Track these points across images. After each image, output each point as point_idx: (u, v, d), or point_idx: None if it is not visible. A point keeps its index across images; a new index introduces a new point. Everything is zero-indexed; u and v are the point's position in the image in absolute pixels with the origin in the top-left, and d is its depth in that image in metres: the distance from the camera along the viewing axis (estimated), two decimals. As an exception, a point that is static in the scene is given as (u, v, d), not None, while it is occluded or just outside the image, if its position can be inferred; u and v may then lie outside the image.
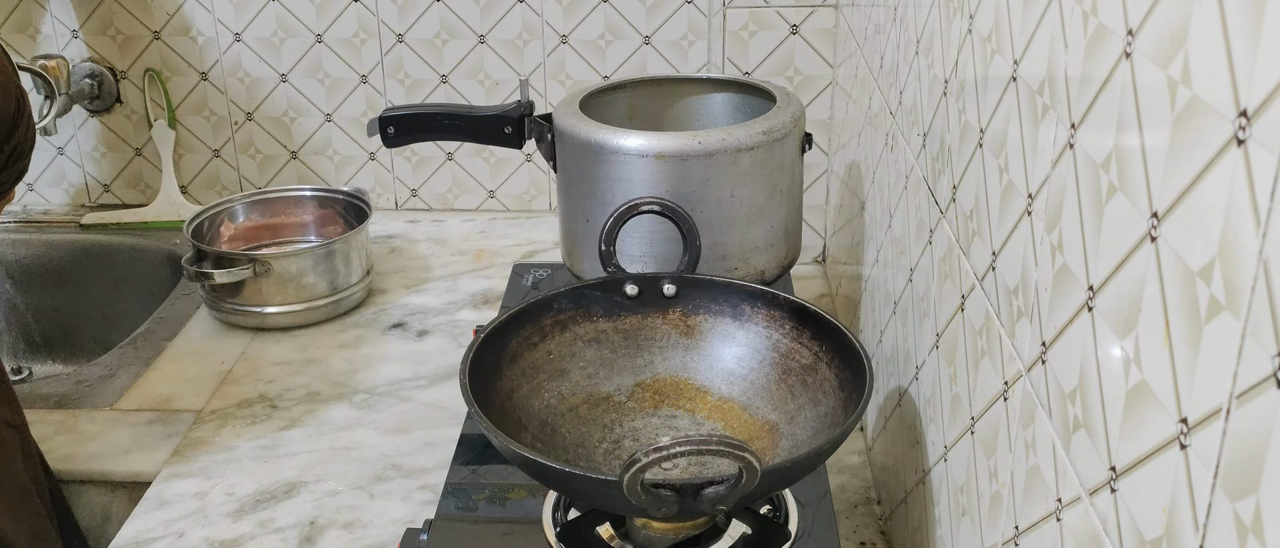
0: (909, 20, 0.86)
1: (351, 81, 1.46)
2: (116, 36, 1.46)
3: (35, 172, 1.56)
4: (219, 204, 1.32)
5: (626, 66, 1.41)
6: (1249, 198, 0.33)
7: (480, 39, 1.41)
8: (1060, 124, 0.50)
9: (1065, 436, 0.49)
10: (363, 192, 1.34)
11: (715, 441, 0.60)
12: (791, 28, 1.35)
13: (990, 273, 0.61)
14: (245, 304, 1.20)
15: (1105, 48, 0.45)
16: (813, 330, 0.81)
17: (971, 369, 0.65)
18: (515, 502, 0.82)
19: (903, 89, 0.88)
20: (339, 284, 1.23)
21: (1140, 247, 0.41)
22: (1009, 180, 0.58)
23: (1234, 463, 0.34)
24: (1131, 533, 0.41)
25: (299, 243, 1.34)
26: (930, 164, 0.77)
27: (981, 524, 0.62)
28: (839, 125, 1.30)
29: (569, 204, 1.03)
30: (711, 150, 0.94)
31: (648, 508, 0.64)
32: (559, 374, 0.84)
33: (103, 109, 1.51)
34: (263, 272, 1.18)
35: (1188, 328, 0.37)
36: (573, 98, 1.04)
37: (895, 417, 0.89)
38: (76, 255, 1.48)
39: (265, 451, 1.00)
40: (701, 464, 0.76)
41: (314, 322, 1.22)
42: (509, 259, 1.38)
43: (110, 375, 1.14)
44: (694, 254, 0.88)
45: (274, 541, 0.88)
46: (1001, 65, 0.60)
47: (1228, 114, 0.34)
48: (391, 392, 1.10)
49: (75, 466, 0.99)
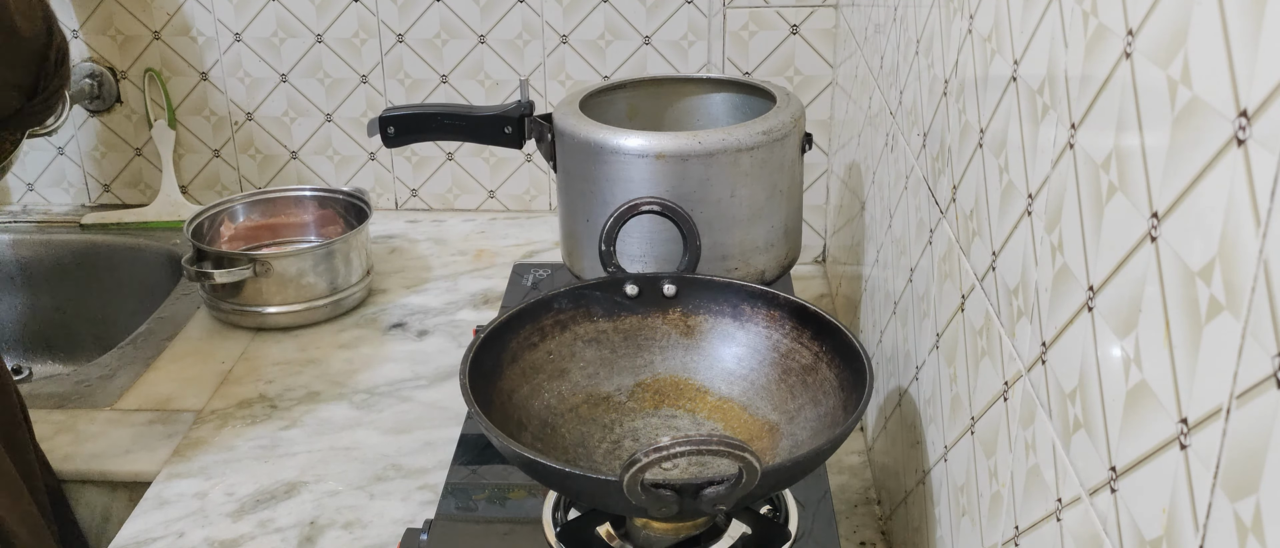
0: (909, 20, 0.86)
1: (351, 81, 1.46)
2: (116, 36, 1.46)
3: (35, 171, 1.56)
4: (219, 204, 1.32)
5: (626, 66, 1.41)
6: (1249, 198, 0.33)
7: (480, 39, 1.41)
8: (1060, 124, 0.50)
9: (1065, 436, 0.49)
10: (363, 192, 1.34)
11: (715, 440, 0.60)
12: (791, 28, 1.35)
13: (990, 273, 0.61)
14: (245, 304, 1.20)
15: (1105, 48, 0.45)
16: (813, 330, 0.81)
17: (971, 369, 0.65)
18: (515, 502, 0.82)
19: (903, 89, 0.88)
20: (339, 284, 1.23)
21: (1140, 247, 0.41)
22: (1009, 180, 0.58)
23: (1234, 463, 0.34)
24: (1131, 533, 0.41)
25: (299, 243, 1.34)
26: (930, 164, 0.77)
27: (981, 524, 0.62)
28: (839, 125, 1.30)
29: (569, 204, 1.03)
30: (711, 150, 0.94)
31: (648, 508, 0.64)
32: (559, 374, 0.84)
33: (103, 109, 1.51)
34: (263, 272, 1.18)
35: (1188, 328, 0.37)
36: (573, 98, 1.04)
37: (895, 417, 0.88)
38: (76, 255, 1.48)
39: (265, 451, 1.00)
40: (701, 464, 0.76)
41: (314, 322, 1.22)
42: (509, 259, 1.38)
43: (110, 375, 1.14)
44: (694, 254, 0.88)
45: (274, 541, 0.88)
46: (1001, 65, 0.60)
47: (1228, 114, 0.34)
48: (391, 392, 1.10)
49: (75, 466, 0.99)
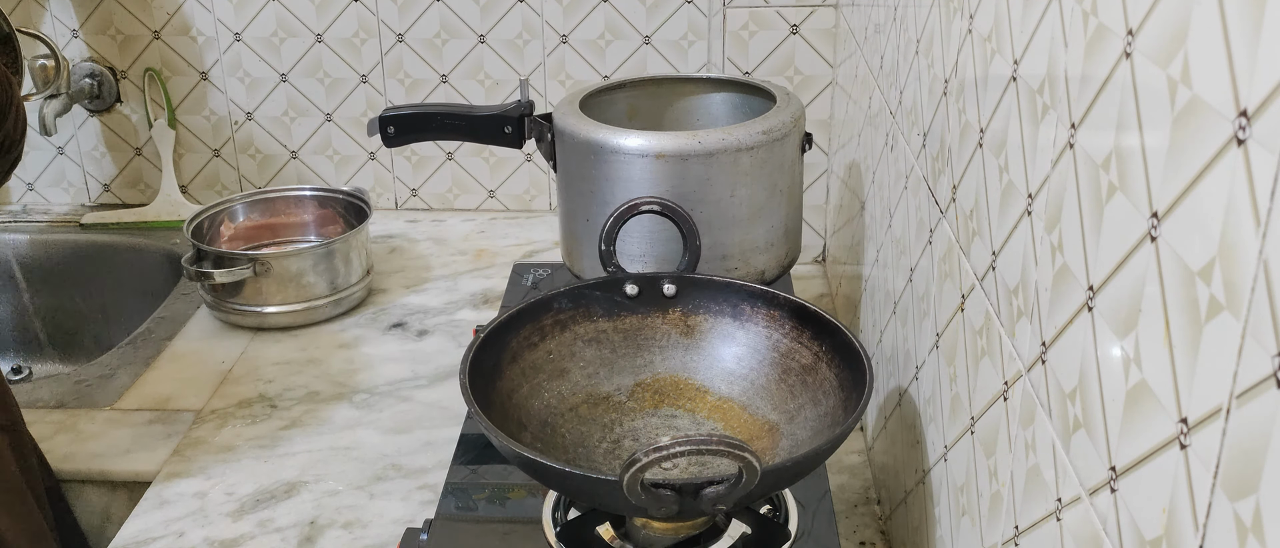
0: (909, 20, 0.86)
1: (351, 81, 1.46)
2: (116, 36, 1.46)
3: (35, 172, 1.56)
4: (219, 204, 1.32)
5: (626, 66, 1.41)
6: (1249, 198, 0.33)
7: (480, 39, 1.41)
8: (1060, 124, 0.50)
9: (1065, 435, 0.49)
10: (363, 191, 1.34)
11: (715, 440, 0.60)
12: (791, 28, 1.35)
13: (990, 273, 0.61)
14: (245, 304, 1.20)
15: (1105, 48, 0.45)
16: (813, 330, 0.81)
17: (971, 369, 0.65)
18: (515, 502, 0.82)
19: (903, 89, 0.88)
20: (339, 284, 1.23)
21: (1140, 247, 0.41)
22: (1009, 180, 0.58)
23: (1234, 463, 0.34)
24: (1131, 533, 0.41)
25: (299, 243, 1.34)
26: (930, 164, 0.77)
27: (981, 524, 0.62)
28: (839, 125, 1.30)
29: (569, 204, 1.03)
30: (711, 150, 0.94)
31: (648, 508, 0.64)
32: (559, 374, 0.84)
33: (103, 109, 1.51)
34: (263, 271, 1.18)
35: (1188, 328, 0.37)
36: (573, 98, 1.04)
37: (895, 417, 0.88)
38: (76, 255, 1.48)
39: (265, 450, 1.00)
40: (701, 464, 0.76)
41: (314, 322, 1.22)
42: (509, 259, 1.38)
43: (110, 376, 1.14)
44: (694, 254, 0.88)
45: (274, 541, 0.88)
46: (1001, 65, 0.60)
47: (1228, 114, 0.34)
48: (391, 392, 1.10)
49: (75, 466, 0.99)
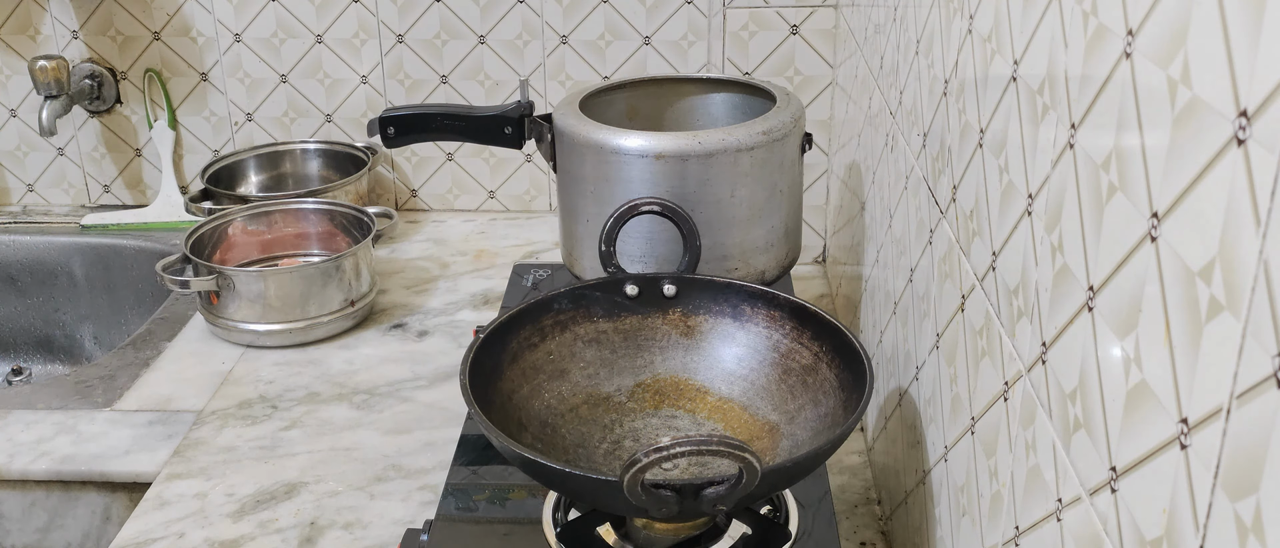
0: (909, 20, 0.86)
1: (351, 81, 1.46)
2: (116, 37, 1.46)
3: (35, 172, 1.56)
4: (219, 216, 1.30)
5: (626, 67, 1.41)
6: (1249, 198, 0.33)
7: (480, 39, 1.41)
8: (1060, 124, 0.50)
9: (1065, 436, 0.49)
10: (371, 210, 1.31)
11: (715, 441, 0.60)
12: (791, 28, 1.35)
13: (990, 273, 0.61)
14: (241, 321, 1.17)
15: (1105, 48, 0.45)
16: (813, 331, 0.81)
17: (972, 369, 0.65)
18: (515, 502, 0.82)
19: (903, 89, 0.88)
20: (351, 296, 1.19)
21: (1140, 247, 0.41)
22: (1009, 180, 0.58)
23: (1234, 463, 0.34)
24: (1132, 533, 0.41)
25: (308, 257, 1.31)
26: (930, 164, 0.77)
27: (982, 524, 0.62)
28: (839, 125, 1.30)
29: (569, 204, 1.03)
30: (711, 150, 0.94)
31: (648, 508, 0.64)
32: (559, 375, 0.84)
33: (103, 109, 1.51)
34: (225, 285, 1.15)
35: (1188, 328, 0.37)
36: (573, 98, 1.04)
37: (895, 417, 0.88)
38: (76, 256, 1.47)
39: (265, 451, 1.00)
40: (702, 465, 0.76)
41: (315, 341, 1.19)
42: (509, 259, 1.38)
43: (110, 376, 1.14)
44: (694, 254, 0.88)
45: (274, 541, 0.88)
46: (1001, 65, 0.60)
47: (1228, 114, 0.34)
48: (391, 392, 1.10)
49: (75, 466, 0.99)
